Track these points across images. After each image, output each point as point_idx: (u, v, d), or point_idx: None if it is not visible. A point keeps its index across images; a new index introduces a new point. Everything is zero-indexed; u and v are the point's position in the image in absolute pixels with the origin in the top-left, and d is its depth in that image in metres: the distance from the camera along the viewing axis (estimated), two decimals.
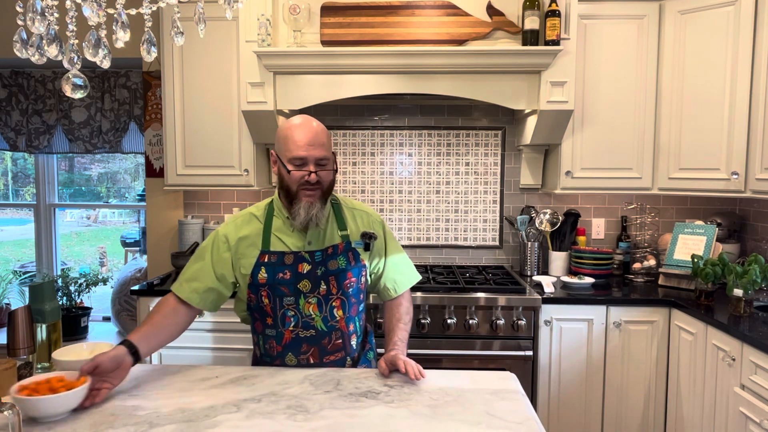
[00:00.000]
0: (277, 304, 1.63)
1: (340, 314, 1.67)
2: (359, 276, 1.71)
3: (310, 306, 1.64)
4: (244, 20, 2.69)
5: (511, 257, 3.30)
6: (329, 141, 1.63)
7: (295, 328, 1.65)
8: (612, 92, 2.85)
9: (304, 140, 1.56)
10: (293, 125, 1.59)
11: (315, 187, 1.59)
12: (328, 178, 1.61)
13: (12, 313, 1.55)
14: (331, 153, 1.63)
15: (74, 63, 1.25)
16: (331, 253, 1.67)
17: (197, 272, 1.67)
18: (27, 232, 4.38)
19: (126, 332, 3.69)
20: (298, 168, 1.57)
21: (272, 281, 1.62)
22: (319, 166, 1.58)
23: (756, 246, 2.92)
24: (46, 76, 3.61)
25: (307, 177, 1.56)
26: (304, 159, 1.56)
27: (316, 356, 1.68)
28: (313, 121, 1.61)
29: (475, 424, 1.31)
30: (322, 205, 1.61)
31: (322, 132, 1.60)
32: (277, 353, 1.68)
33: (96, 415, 1.33)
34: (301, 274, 1.63)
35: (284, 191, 1.62)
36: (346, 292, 1.67)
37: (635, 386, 2.64)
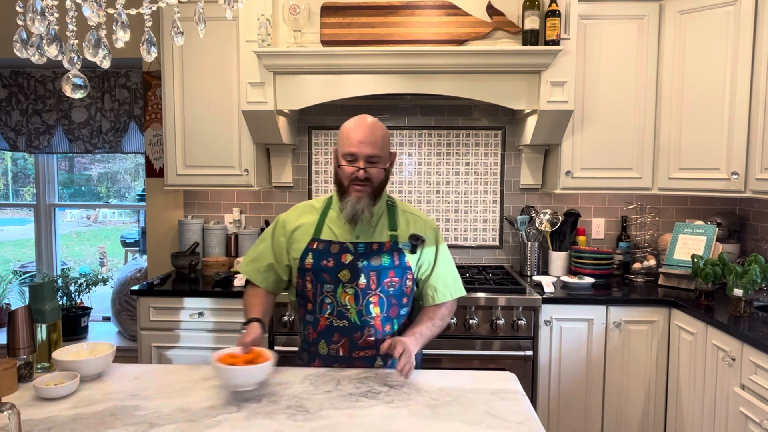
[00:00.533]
0: (318, 290, 1.69)
1: (376, 311, 1.68)
2: (402, 277, 1.71)
3: (347, 296, 1.67)
4: (244, 20, 2.69)
5: (511, 257, 3.30)
6: (385, 141, 1.69)
7: (330, 316, 1.68)
8: (612, 92, 2.85)
9: (356, 137, 1.64)
10: (351, 123, 1.69)
11: (364, 184, 1.65)
12: (378, 176, 1.67)
13: (12, 313, 1.55)
14: (386, 152, 1.70)
15: (74, 63, 1.25)
16: (376, 249, 1.70)
17: (259, 254, 1.81)
18: (27, 232, 4.38)
19: (126, 332, 3.69)
20: (350, 164, 1.65)
21: (316, 267, 1.69)
22: (370, 164, 1.65)
23: (756, 246, 2.92)
24: (46, 76, 3.61)
25: (356, 173, 1.64)
26: (354, 155, 1.65)
27: (346, 348, 1.68)
28: (369, 119, 1.70)
29: (475, 424, 1.31)
30: (370, 201, 1.67)
31: (377, 130, 1.67)
32: (312, 339, 1.72)
33: (96, 415, 1.33)
34: (343, 263, 1.68)
35: (337, 185, 1.72)
36: (385, 290, 1.69)
37: (635, 386, 2.64)
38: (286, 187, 3.31)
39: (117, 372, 1.62)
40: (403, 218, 1.79)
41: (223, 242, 3.25)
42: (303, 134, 3.28)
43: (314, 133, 3.27)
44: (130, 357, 3.20)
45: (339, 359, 1.69)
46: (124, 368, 1.65)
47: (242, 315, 2.69)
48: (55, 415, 1.33)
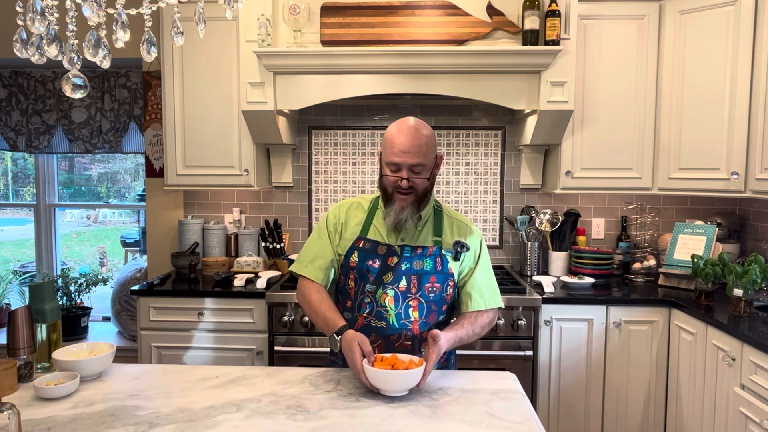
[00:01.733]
0: (360, 289, 1.69)
1: (415, 316, 1.66)
2: (444, 284, 1.69)
3: (387, 297, 1.66)
4: (244, 20, 2.69)
5: (511, 257, 3.30)
6: (429, 146, 1.63)
7: (369, 316, 1.67)
8: (612, 92, 2.85)
9: (401, 146, 1.60)
10: (396, 129, 1.64)
11: (408, 192, 1.64)
12: (422, 185, 1.64)
13: (12, 313, 1.55)
14: (430, 159, 1.65)
15: (74, 63, 1.25)
16: (420, 254, 1.69)
17: (318, 252, 1.75)
18: (27, 232, 4.38)
19: (126, 332, 3.69)
20: (394, 173, 1.63)
21: (362, 266, 1.68)
22: (414, 173, 1.62)
23: (756, 246, 2.92)
24: (46, 76, 3.61)
25: (399, 182, 1.62)
26: (398, 165, 1.62)
27: (383, 350, 1.65)
28: (417, 126, 1.63)
29: (475, 424, 1.31)
30: (414, 210, 1.66)
31: (423, 139, 1.62)
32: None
33: (96, 415, 1.33)
34: (388, 266, 1.67)
35: (382, 191, 1.70)
36: (426, 295, 1.67)
37: (635, 386, 2.64)
38: (286, 187, 3.31)
39: (117, 372, 1.62)
40: (449, 224, 1.76)
41: (223, 242, 3.25)
42: (303, 134, 3.28)
43: (314, 133, 3.27)
44: (130, 357, 3.20)
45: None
46: (124, 368, 1.65)
47: (244, 316, 2.68)
48: (55, 415, 1.33)
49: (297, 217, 3.33)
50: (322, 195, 3.30)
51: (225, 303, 2.68)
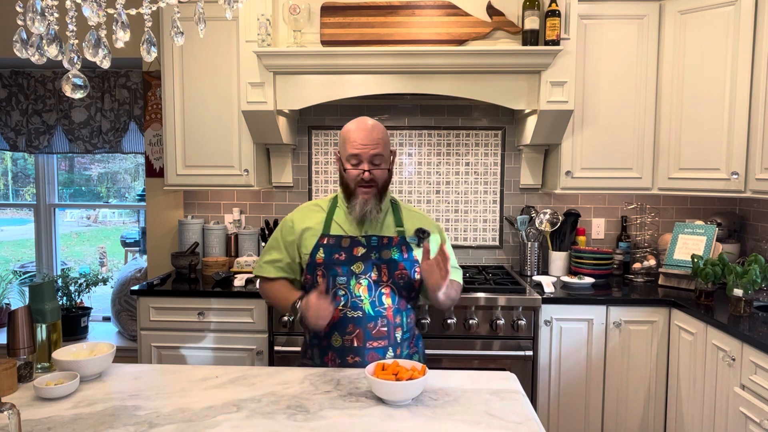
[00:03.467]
0: (330, 283, 1.73)
1: (388, 302, 1.73)
2: (411, 270, 1.76)
3: (360, 287, 1.71)
4: (244, 20, 2.69)
5: (511, 257, 3.30)
6: (386, 140, 1.75)
7: (344, 308, 1.71)
8: (612, 92, 2.85)
9: (359, 140, 1.70)
10: (352, 126, 1.74)
11: (370, 185, 1.72)
12: (382, 176, 1.74)
13: (12, 313, 1.55)
14: (387, 152, 1.76)
15: (74, 63, 1.25)
16: (386, 243, 1.76)
17: (277, 255, 1.85)
18: (27, 232, 4.37)
19: (126, 332, 3.69)
20: (355, 167, 1.71)
21: (328, 261, 1.74)
22: (374, 165, 1.72)
23: (756, 246, 2.92)
24: (46, 76, 3.61)
25: (362, 175, 1.70)
26: (359, 157, 1.71)
27: (361, 339, 1.71)
28: (369, 121, 1.75)
29: (475, 424, 1.31)
30: (377, 201, 1.75)
31: (378, 131, 1.73)
32: (324, 333, 1.74)
33: (96, 415, 1.33)
34: (355, 256, 1.74)
35: (344, 187, 1.77)
36: (396, 282, 1.74)
37: (635, 386, 2.64)
38: (286, 187, 3.31)
39: (117, 372, 1.62)
40: (408, 216, 1.85)
41: (223, 242, 3.25)
42: (303, 134, 3.28)
43: (314, 133, 3.27)
44: (130, 357, 3.21)
45: (353, 350, 1.71)
46: (124, 368, 1.65)
47: (244, 316, 2.69)
48: (55, 415, 1.33)
49: None
50: (322, 195, 3.30)
51: (225, 303, 2.68)
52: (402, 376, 1.43)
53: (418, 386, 1.40)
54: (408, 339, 1.80)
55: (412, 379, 1.42)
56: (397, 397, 1.39)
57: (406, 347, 1.79)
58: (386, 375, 1.43)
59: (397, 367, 1.47)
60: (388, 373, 1.45)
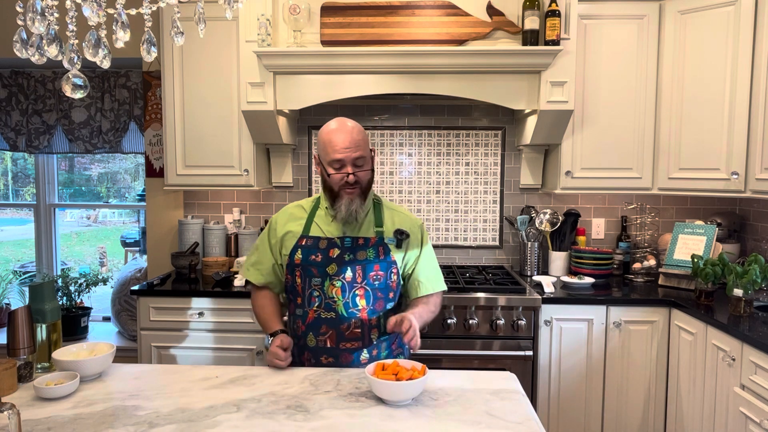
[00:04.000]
0: (306, 284, 1.75)
1: (362, 304, 1.73)
2: (387, 271, 1.76)
3: (334, 289, 1.72)
4: (244, 20, 2.69)
5: (511, 257, 3.30)
6: (366, 141, 1.74)
7: (318, 309, 1.73)
8: (612, 92, 2.85)
9: (341, 144, 1.69)
10: (331, 130, 1.72)
11: (354, 186, 1.72)
12: (365, 177, 1.74)
13: (12, 313, 1.55)
14: (368, 152, 1.75)
15: (74, 63, 1.25)
16: (362, 244, 1.76)
17: (259, 257, 1.88)
18: (27, 232, 4.37)
19: (126, 332, 3.69)
20: (338, 171, 1.70)
21: (305, 262, 1.75)
22: (357, 167, 1.71)
23: (756, 246, 2.92)
24: (46, 76, 3.61)
25: (346, 179, 1.70)
26: (342, 161, 1.69)
27: (333, 340, 1.72)
28: (348, 123, 1.74)
29: (475, 424, 1.31)
30: (361, 201, 1.74)
31: (357, 133, 1.72)
32: (301, 332, 1.76)
33: (96, 415, 1.33)
34: (330, 258, 1.74)
35: (327, 191, 1.77)
36: (371, 283, 1.74)
37: (635, 386, 2.64)
38: (286, 187, 3.31)
39: (117, 372, 1.62)
40: (389, 215, 1.85)
41: (223, 242, 3.25)
42: (303, 134, 3.28)
43: (314, 133, 3.27)
44: (130, 357, 3.21)
45: (326, 351, 1.73)
46: (124, 368, 1.65)
47: (244, 316, 2.70)
48: (55, 415, 1.33)
49: None
50: None
51: (225, 303, 2.68)
52: (402, 376, 1.43)
53: (418, 386, 1.40)
54: (387, 339, 1.79)
55: (412, 379, 1.42)
56: (397, 397, 1.39)
57: (385, 348, 1.78)
58: (386, 375, 1.44)
59: (397, 367, 1.47)
60: (388, 373, 1.45)
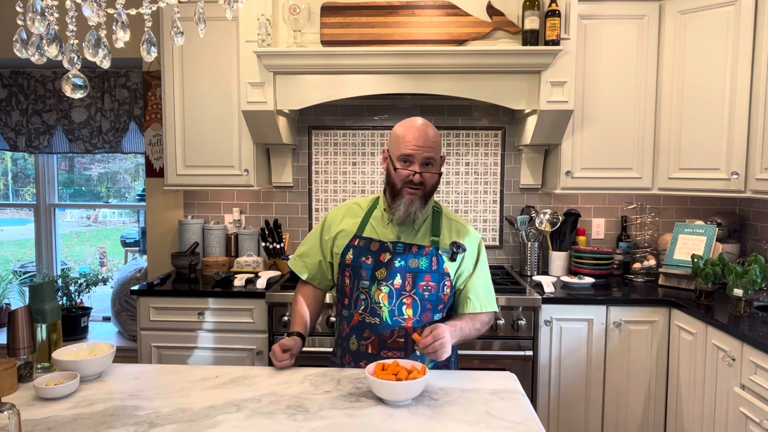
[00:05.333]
0: (355, 286, 1.72)
1: (409, 313, 1.68)
2: (439, 283, 1.70)
3: (381, 294, 1.68)
4: (244, 20, 2.69)
5: (511, 257, 3.30)
6: (438, 143, 1.71)
7: (363, 312, 1.70)
8: (612, 92, 2.85)
9: (414, 140, 1.65)
10: (408, 125, 1.69)
11: (418, 187, 1.67)
12: (431, 180, 1.70)
13: (12, 313, 1.55)
14: (439, 155, 1.71)
15: (74, 63, 1.25)
16: (415, 252, 1.71)
17: (307, 250, 1.86)
18: (27, 232, 4.37)
19: (126, 332, 3.69)
20: (405, 166, 1.66)
21: (355, 263, 1.72)
22: (425, 167, 1.67)
23: (756, 246, 2.92)
24: (46, 76, 3.61)
25: (412, 177, 1.65)
26: (411, 158, 1.65)
27: (375, 346, 1.68)
28: (427, 124, 1.71)
29: (475, 424, 1.31)
30: (421, 204, 1.69)
31: (433, 135, 1.69)
32: (345, 334, 1.74)
33: (96, 415, 1.33)
34: (381, 262, 1.70)
35: (390, 187, 1.72)
36: (420, 293, 1.68)
37: (635, 386, 2.64)
38: (286, 187, 3.31)
39: (117, 372, 1.62)
40: (447, 225, 1.78)
41: (223, 242, 3.25)
42: (303, 134, 3.28)
43: (314, 133, 3.27)
44: (130, 357, 3.21)
45: (367, 356, 1.68)
46: (124, 368, 1.65)
47: (244, 316, 2.70)
48: (55, 415, 1.33)
49: (297, 217, 3.33)
50: (322, 195, 3.30)
51: (225, 303, 2.68)
52: (402, 376, 1.43)
53: (418, 386, 1.40)
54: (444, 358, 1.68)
55: (412, 379, 1.42)
56: (397, 397, 1.39)
57: (429, 362, 1.67)
58: (386, 375, 1.43)
59: (397, 367, 1.47)
60: (388, 373, 1.45)
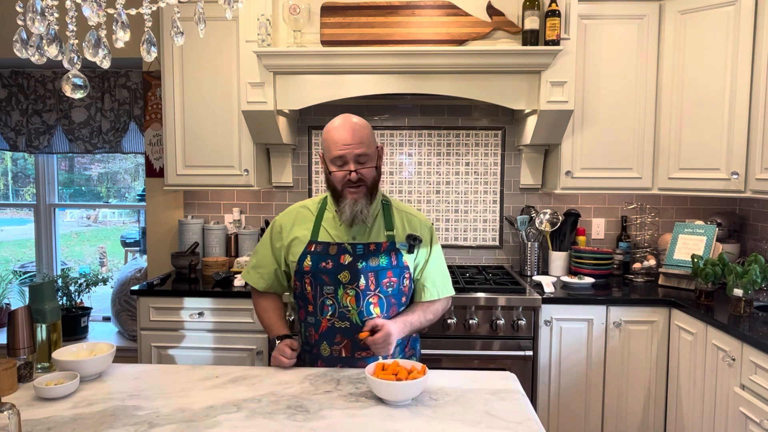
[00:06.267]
0: (318, 292, 1.70)
1: (376, 311, 1.69)
2: (400, 277, 1.72)
3: (348, 297, 1.68)
4: (244, 20, 2.69)
5: (511, 257, 3.30)
6: (370, 137, 1.68)
7: (332, 318, 1.69)
8: (612, 92, 2.85)
9: (342, 140, 1.63)
10: (333, 126, 1.67)
11: (358, 185, 1.66)
12: (369, 175, 1.67)
13: (12, 313, 1.55)
14: (373, 149, 1.68)
15: (74, 63, 1.25)
16: (374, 250, 1.71)
17: (260, 260, 1.83)
18: (27, 232, 4.37)
19: (126, 332, 3.69)
20: (340, 168, 1.65)
21: (315, 269, 1.69)
22: (360, 164, 1.65)
23: (756, 246, 2.92)
24: (46, 76, 3.61)
25: (348, 176, 1.64)
26: (343, 158, 1.64)
27: (349, 350, 1.69)
28: (352, 119, 1.67)
29: (475, 424, 1.31)
30: (367, 201, 1.68)
31: (361, 129, 1.65)
32: (314, 341, 1.73)
33: (96, 415, 1.33)
34: (342, 264, 1.69)
35: (331, 190, 1.72)
36: (384, 290, 1.70)
37: (635, 386, 2.64)
38: (286, 187, 3.31)
39: (117, 372, 1.62)
40: (399, 217, 1.79)
41: (223, 242, 3.25)
42: (303, 134, 3.28)
43: (314, 133, 3.27)
44: (130, 357, 3.21)
45: (341, 360, 1.70)
46: (124, 368, 1.65)
47: (244, 316, 2.70)
48: (55, 415, 1.33)
49: None
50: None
51: (225, 303, 2.68)
52: (402, 376, 1.43)
53: (418, 386, 1.40)
54: (400, 344, 1.77)
55: (412, 379, 1.42)
56: (397, 397, 1.39)
57: (398, 352, 1.77)
58: (386, 375, 1.43)
59: (397, 367, 1.47)
60: (388, 373, 1.45)
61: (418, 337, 1.92)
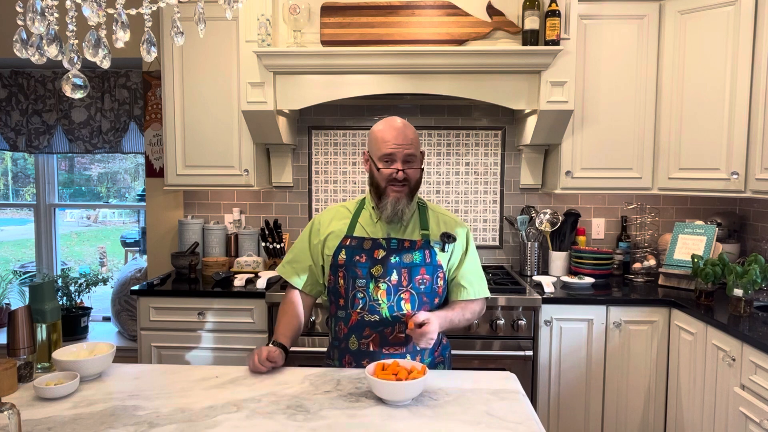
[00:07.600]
0: (350, 286, 1.72)
1: (407, 308, 1.70)
2: (434, 275, 1.73)
3: (379, 291, 1.69)
4: (244, 20, 2.69)
5: (511, 257, 3.30)
6: (417, 140, 1.74)
7: (362, 311, 1.70)
8: (612, 92, 2.85)
9: (393, 139, 1.69)
10: (384, 126, 1.73)
11: (402, 184, 1.70)
12: (414, 175, 1.73)
13: (12, 313, 1.55)
14: (419, 152, 1.75)
15: (74, 63, 1.25)
16: (408, 247, 1.73)
17: (296, 255, 1.85)
18: (27, 232, 4.37)
19: (126, 332, 3.69)
20: (387, 166, 1.69)
21: (349, 263, 1.72)
22: (407, 164, 1.70)
23: (756, 246, 2.92)
24: (46, 76, 3.61)
25: (395, 174, 1.68)
26: (392, 156, 1.69)
27: (377, 344, 1.69)
28: (404, 122, 1.74)
29: (475, 424, 1.31)
30: (408, 201, 1.72)
31: (410, 132, 1.72)
32: (344, 335, 1.74)
33: (96, 415, 1.33)
34: (375, 259, 1.71)
35: (374, 188, 1.75)
36: (417, 287, 1.71)
37: (635, 386, 2.64)
38: (286, 187, 3.31)
39: (117, 372, 1.62)
40: (434, 218, 1.82)
41: (223, 242, 3.25)
42: (303, 134, 3.28)
43: (314, 133, 3.27)
44: (130, 357, 3.21)
45: (369, 355, 1.70)
46: (124, 368, 1.65)
47: (244, 316, 2.70)
48: (55, 415, 1.33)
49: (297, 217, 3.33)
50: (322, 195, 3.30)
51: (225, 303, 2.68)
52: (402, 376, 1.43)
53: (418, 386, 1.40)
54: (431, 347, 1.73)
55: (412, 379, 1.42)
56: (397, 397, 1.39)
57: (428, 355, 1.75)
58: (386, 375, 1.43)
59: (397, 367, 1.47)
60: (388, 373, 1.45)
61: (449, 345, 1.89)
